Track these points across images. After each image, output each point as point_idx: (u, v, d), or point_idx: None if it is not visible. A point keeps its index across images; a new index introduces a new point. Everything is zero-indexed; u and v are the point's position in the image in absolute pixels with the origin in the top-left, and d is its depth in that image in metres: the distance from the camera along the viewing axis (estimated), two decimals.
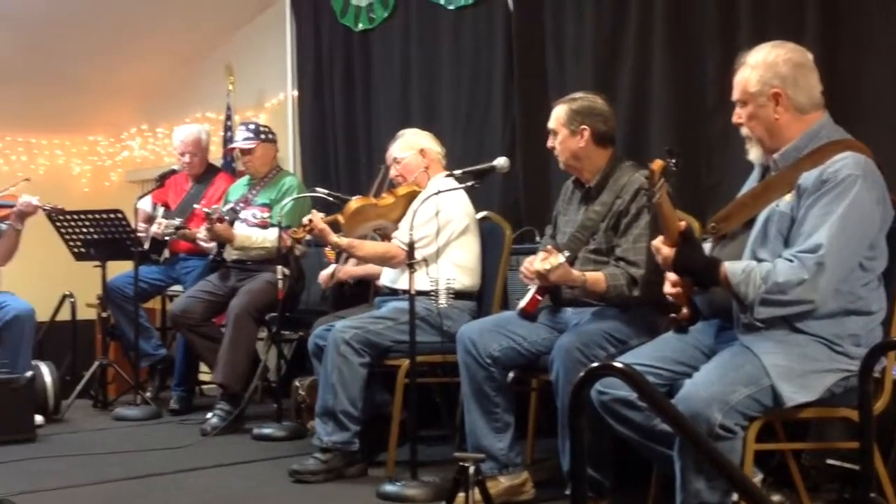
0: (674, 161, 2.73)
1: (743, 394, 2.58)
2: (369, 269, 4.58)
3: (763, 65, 2.81)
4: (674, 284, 2.89)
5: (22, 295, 5.26)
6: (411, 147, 4.41)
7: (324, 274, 4.80)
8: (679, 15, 4.25)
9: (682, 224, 2.79)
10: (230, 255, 5.24)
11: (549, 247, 3.58)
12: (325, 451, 3.94)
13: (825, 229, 2.62)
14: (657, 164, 2.73)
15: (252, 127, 5.38)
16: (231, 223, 5.14)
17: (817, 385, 2.66)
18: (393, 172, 4.47)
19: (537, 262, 3.37)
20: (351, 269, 4.72)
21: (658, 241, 2.83)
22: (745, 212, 2.86)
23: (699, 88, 4.17)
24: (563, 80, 4.69)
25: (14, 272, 5.45)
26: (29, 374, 4.81)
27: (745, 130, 2.89)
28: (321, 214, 4.24)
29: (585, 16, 4.62)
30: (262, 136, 5.34)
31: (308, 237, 4.35)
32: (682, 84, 4.24)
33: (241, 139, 5.34)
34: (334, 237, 4.18)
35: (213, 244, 5.28)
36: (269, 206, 5.22)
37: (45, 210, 5.33)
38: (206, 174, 5.90)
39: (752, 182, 2.99)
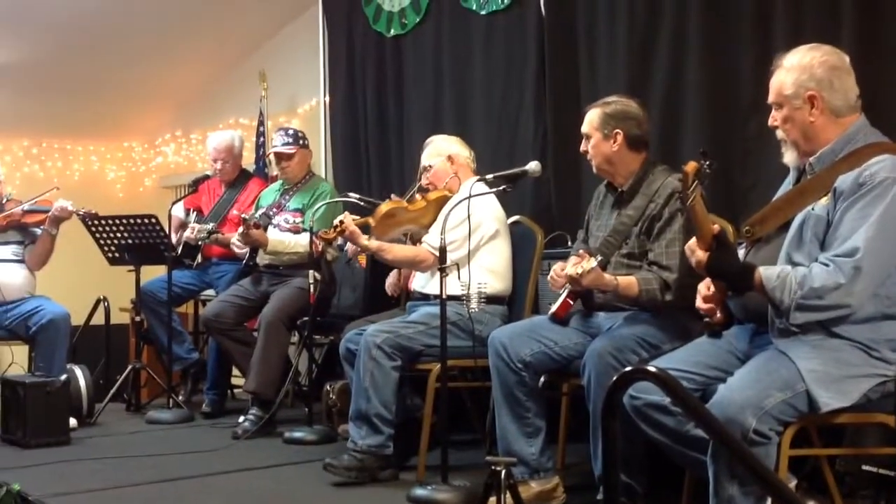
0: (707, 163, 2.71)
1: (778, 399, 2.55)
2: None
3: (798, 67, 2.79)
4: (706, 299, 2.88)
5: (57, 299, 5.32)
6: (439, 154, 4.41)
7: (390, 282, 4.68)
8: (713, 16, 4.22)
9: (716, 228, 2.77)
10: (263, 259, 5.26)
11: (581, 251, 3.57)
12: (360, 454, 3.94)
13: (862, 233, 2.59)
14: (691, 166, 2.71)
15: (291, 132, 5.40)
16: (264, 228, 5.16)
17: (853, 390, 2.63)
18: (424, 181, 4.47)
19: (569, 267, 3.36)
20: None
21: (693, 243, 2.81)
22: (779, 215, 2.84)
23: (734, 91, 4.13)
24: (596, 84, 4.67)
25: (49, 277, 5.51)
26: (63, 377, 4.84)
27: (780, 133, 2.86)
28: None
29: (618, 19, 4.59)
30: (301, 142, 5.36)
31: (339, 240, 4.34)
32: (717, 86, 4.20)
33: (281, 144, 5.35)
34: (364, 239, 4.18)
35: (246, 249, 5.30)
36: (301, 211, 5.24)
37: (79, 215, 5.38)
38: (238, 179, 5.93)
39: (787, 186, 2.96)
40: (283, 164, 5.36)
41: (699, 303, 2.90)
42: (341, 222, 4.16)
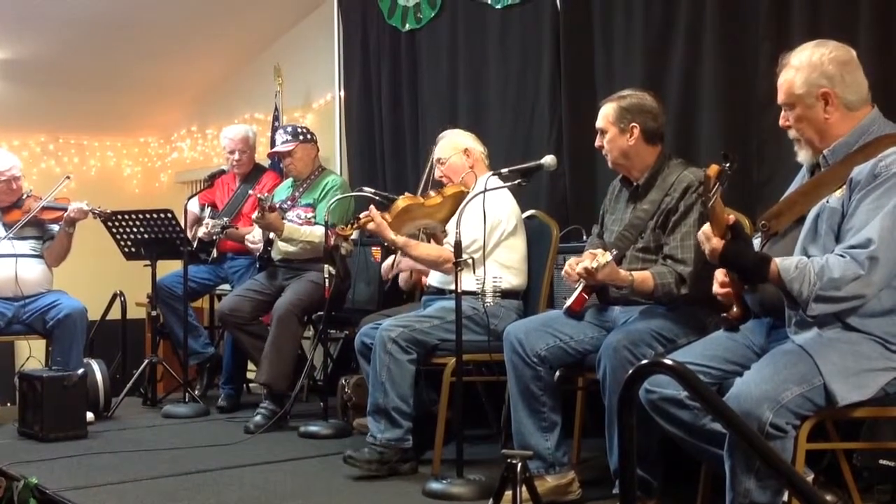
0: (728, 165, 2.69)
1: (795, 392, 2.54)
2: None
3: (808, 65, 2.76)
4: (723, 284, 2.86)
5: (73, 294, 5.35)
6: (455, 148, 4.39)
7: (385, 265, 4.77)
8: (729, 9, 4.20)
9: (731, 218, 2.75)
10: (277, 254, 5.27)
11: (595, 247, 3.56)
12: (380, 447, 3.94)
13: (876, 223, 2.57)
14: (713, 169, 2.68)
15: (290, 129, 5.40)
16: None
17: (871, 384, 2.61)
18: (437, 174, 4.46)
19: (585, 261, 3.35)
20: (411, 262, 4.66)
21: (707, 229, 2.78)
22: (795, 209, 2.82)
23: (750, 83, 4.11)
24: (612, 78, 4.65)
25: (66, 271, 5.53)
26: (80, 371, 4.86)
27: (792, 133, 2.83)
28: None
29: (634, 12, 4.58)
30: (301, 137, 5.34)
31: (354, 235, 4.32)
32: (733, 79, 4.18)
33: (280, 142, 5.36)
34: (391, 233, 4.18)
35: (259, 244, 5.30)
36: (312, 206, 5.24)
37: (94, 214, 5.40)
38: (252, 173, 5.95)
39: (800, 179, 2.94)
40: (285, 161, 5.39)
41: (716, 288, 2.88)
42: (368, 215, 4.16)
